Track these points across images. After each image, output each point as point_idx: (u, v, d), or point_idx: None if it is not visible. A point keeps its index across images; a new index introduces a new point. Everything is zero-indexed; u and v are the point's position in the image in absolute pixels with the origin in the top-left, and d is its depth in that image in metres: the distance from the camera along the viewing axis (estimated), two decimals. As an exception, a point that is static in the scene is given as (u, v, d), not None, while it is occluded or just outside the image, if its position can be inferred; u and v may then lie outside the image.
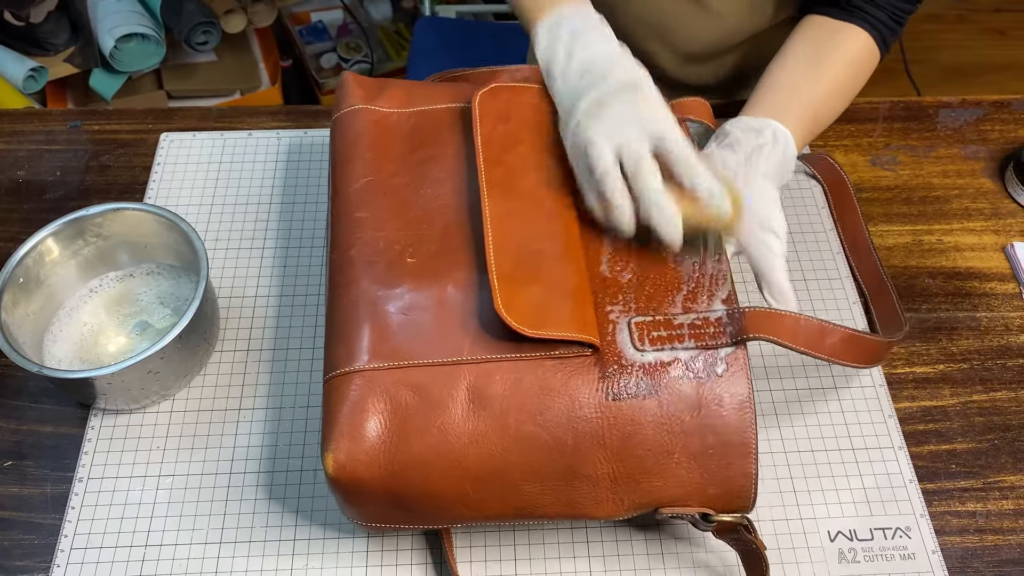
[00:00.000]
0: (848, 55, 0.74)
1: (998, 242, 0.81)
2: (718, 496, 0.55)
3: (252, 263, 0.77)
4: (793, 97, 0.71)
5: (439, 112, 0.69)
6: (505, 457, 0.53)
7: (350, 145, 0.67)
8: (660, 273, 0.59)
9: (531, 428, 0.54)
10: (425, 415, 0.53)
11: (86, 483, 0.64)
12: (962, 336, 0.74)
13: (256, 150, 0.85)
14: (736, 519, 0.56)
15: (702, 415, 0.54)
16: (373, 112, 0.68)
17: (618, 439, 0.54)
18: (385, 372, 0.54)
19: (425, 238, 0.60)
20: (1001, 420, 0.70)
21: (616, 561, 0.62)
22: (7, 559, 0.61)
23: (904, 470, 0.66)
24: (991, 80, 2.13)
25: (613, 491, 0.55)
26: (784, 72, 0.73)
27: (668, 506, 0.56)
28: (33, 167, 0.84)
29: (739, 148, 0.66)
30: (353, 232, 0.62)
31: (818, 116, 0.72)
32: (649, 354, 0.55)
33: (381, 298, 0.57)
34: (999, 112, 0.91)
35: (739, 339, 0.55)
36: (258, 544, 0.62)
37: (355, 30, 1.98)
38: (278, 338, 0.72)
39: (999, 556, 0.63)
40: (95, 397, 0.65)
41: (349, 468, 0.52)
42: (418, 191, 0.63)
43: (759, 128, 0.67)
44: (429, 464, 0.53)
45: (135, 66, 1.56)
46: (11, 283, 0.65)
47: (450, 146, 0.66)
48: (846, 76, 0.74)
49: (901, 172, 0.86)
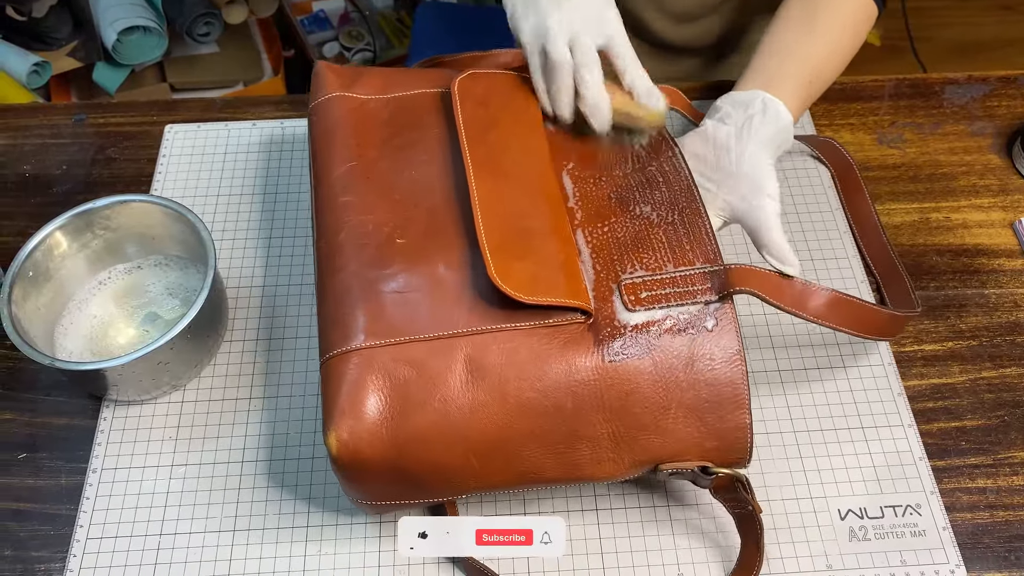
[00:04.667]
0: (844, 11, 0.73)
1: (1006, 218, 0.80)
2: (715, 449, 0.56)
3: (259, 252, 0.77)
4: (787, 60, 0.71)
5: (418, 97, 0.69)
6: (507, 425, 0.54)
7: (330, 132, 0.67)
8: (645, 236, 0.60)
9: (530, 395, 0.54)
10: (425, 389, 0.54)
11: (100, 473, 0.65)
12: (971, 313, 0.74)
13: (261, 140, 0.85)
14: (734, 473, 0.57)
15: (695, 370, 0.55)
16: (351, 99, 0.68)
17: (616, 399, 0.54)
18: (382, 349, 0.54)
19: (413, 219, 0.61)
20: (1011, 396, 0.70)
21: (614, 543, 0.62)
22: (24, 550, 0.62)
23: (914, 448, 0.66)
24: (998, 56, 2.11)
25: (614, 450, 0.56)
26: (777, 35, 0.73)
27: (667, 462, 0.57)
28: (39, 161, 0.84)
29: (729, 121, 0.67)
30: (340, 217, 0.62)
31: (817, 76, 0.72)
32: (640, 314, 0.56)
33: (374, 279, 0.58)
34: (1006, 88, 0.91)
35: (725, 293, 0.56)
36: (271, 531, 0.62)
37: (357, 19, 1.97)
38: (287, 327, 0.72)
39: (1010, 532, 0.63)
40: (106, 389, 0.65)
41: (352, 446, 0.53)
42: (402, 174, 0.64)
43: (748, 100, 0.68)
44: (431, 437, 0.54)
45: (138, 59, 1.56)
46: (21, 277, 0.65)
47: (431, 129, 0.66)
48: (843, 33, 0.73)
49: (908, 150, 0.86)
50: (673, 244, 0.59)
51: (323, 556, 0.61)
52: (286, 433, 0.67)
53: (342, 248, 0.60)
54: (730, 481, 0.57)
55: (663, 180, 0.63)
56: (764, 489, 0.64)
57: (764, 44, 0.73)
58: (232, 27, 1.67)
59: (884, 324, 0.65)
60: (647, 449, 0.56)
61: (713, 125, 0.68)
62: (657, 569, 0.61)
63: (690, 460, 0.56)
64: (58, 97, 1.60)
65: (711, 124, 0.68)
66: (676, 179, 0.63)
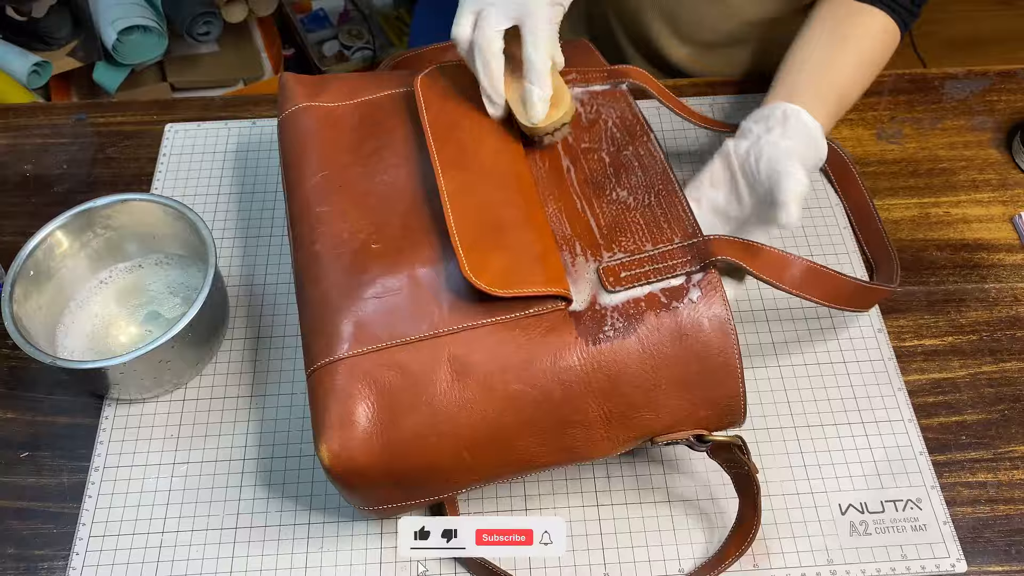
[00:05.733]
0: (870, 32, 0.73)
1: (1006, 212, 0.80)
2: (709, 417, 0.56)
3: (260, 250, 0.77)
4: (813, 74, 0.70)
5: (383, 99, 0.69)
6: (496, 419, 0.54)
7: (299, 144, 0.67)
8: (623, 220, 0.60)
9: (517, 387, 0.54)
10: (411, 392, 0.54)
11: (102, 472, 0.65)
12: (971, 308, 0.74)
13: (261, 138, 0.85)
14: (730, 438, 0.57)
15: (684, 343, 0.55)
16: (318, 108, 0.68)
17: (604, 381, 0.54)
18: (365, 357, 0.54)
19: (387, 224, 0.61)
20: (1011, 391, 0.70)
21: (615, 539, 0.62)
22: (27, 548, 0.62)
23: (914, 442, 0.66)
24: (997, 51, 2.10)
25: (606, 431, 0.56)
26: (803, 51, 0.72)
27: (661, 435, 0.57)
28: (40, 161, 0.84)
29: (750, 135, 0.67)
30: (315, 228, 0.62)
31: (844, 91, 0.72)
32: (621, 293, 0.56)
33: (352, 287, 0.58)
34: (1005, 82, 0.91)
35: (707, 262, 0.56)
36: (273, 528, 0.63)
37: (356, 17, 1.97)
38: (288, 324, 0.72)
39: (1011, 526, 0.63)
40: (108, 387, 0.65)
41: (345, 456, 0.53)
42: (374, 179, 0.64)
43: (768, 113, 0.68)
44: (423, 439, 0.54)
45: (138, 58, 1.56)
46: (22, 276, 0.65)
47: (399, 131, 0.66)
48: (871, 51, 0.73)
49: (907, 145, 0.86)
50: (651, 225, 0.59)
51: (324, 553, 0.62)
52: (287, 431, 0.67)
53: (319, 258, 0.60)
54: (726, 445, 0.57)
55: (639, 164, 0.63)
56: (765, 484, 0.64)
57: (787, 61, 0.72)
58: (232, 26, 1.67)
59: (855, 295, 0.65)
60: (640, 425, 0.56)
61: (733, 143, 0.67)
62: (658, 565, 0.61)
63: (684, 430, 0.57)
64: (58, 97, 1.60)
65: (731, 143, 0.67)
66: (651, 163, 0.63)
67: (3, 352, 0.71)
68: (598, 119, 0.67)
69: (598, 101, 0.69)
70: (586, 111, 0.68)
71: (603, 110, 0.68)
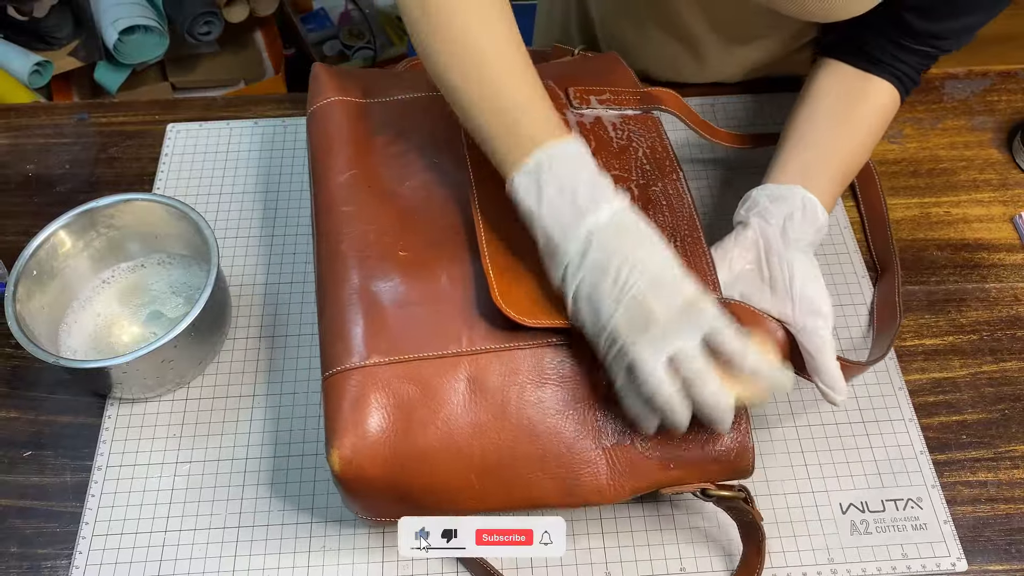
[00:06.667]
0: (876, 108, 0.72)
1: (1006, 212, 0.81)
2: (718, 471, 0.56)
3: (262, 250, 0.77)
4: (823, 156, 0.69)
5: (418, 101, 0.68)
6: (507, 445, 0.54)
7: (329, 138, 0.67)
8: None
9: (531, 414, 0.54)
10: (428, 408, 0.54)
11: (105, 471, 0.65)
12: (971, 307, 0.74)
13: (263, 138, 0.85)
14: (734, 493, 0.56)
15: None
16: (350, 104, 0.68)
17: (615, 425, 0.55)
18: (385, 367, 0.54)
19: (415, 230, 0.60)
20: (1011, 390, 0.70)
21: (615, 538, 0.62)
22: (30, 547, 0.62)
23: (915, 441, 0.67)
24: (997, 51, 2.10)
25: (611, 478, 0.55)
26: (814, 129, 0.71)
27: (669, 487, 0.57)
28: (42, 161, 0.84)
29: (771, 218, 0.65)
30: (341, 227, 0.61)
31: (849, 172, 0.71)
32: None
33: (375, 293, 0.58)
34: (1006, 82, 0.91)
35: None
36: (275, 528, 0.63)
37: (357, 17, 1.97)
38: (290, 324, 0.72)
39: (1011, 525, 0.63)
40: (111, 387, 0.65)
41: (355, 464, 0.53)
42: (403, 183, 0.63)
43: (786, 195, 0.66)
44: (434, 457, 0.54)
45: (139, 58, 1.57)
46: (25, 276, 0.65)
47: (431, 135, 0.65)
48: (879, 128, 0.73)
49: (908, 145, 0.86)
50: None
51: (325, 553, 0.62)
52: (290, 430, 0.67)
53: (344, 257, 0.60)
54: (730, 498, 0.57)
55: (666, 204, 0.62)
56: (766, 483, 0.64)
57: (798, 133, 0.71)
58: (233, 26, 1.67)
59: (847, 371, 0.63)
60: (647, 476, 0.56)
61: (757, 224, 0.65)
62: (659, 563, 0.61)
63: (692, 484, 0.56)
64: (59, 97, 1.60)
65: (755, 223, 0.65)
66: (680, 205, 0.62)
67: (6, 352, 0.71)
68: (629, 146, 0.66)
69: (629, 127, 0.67)
70: (617, 136, 0.67)
71: (634, 137, 0.67)
